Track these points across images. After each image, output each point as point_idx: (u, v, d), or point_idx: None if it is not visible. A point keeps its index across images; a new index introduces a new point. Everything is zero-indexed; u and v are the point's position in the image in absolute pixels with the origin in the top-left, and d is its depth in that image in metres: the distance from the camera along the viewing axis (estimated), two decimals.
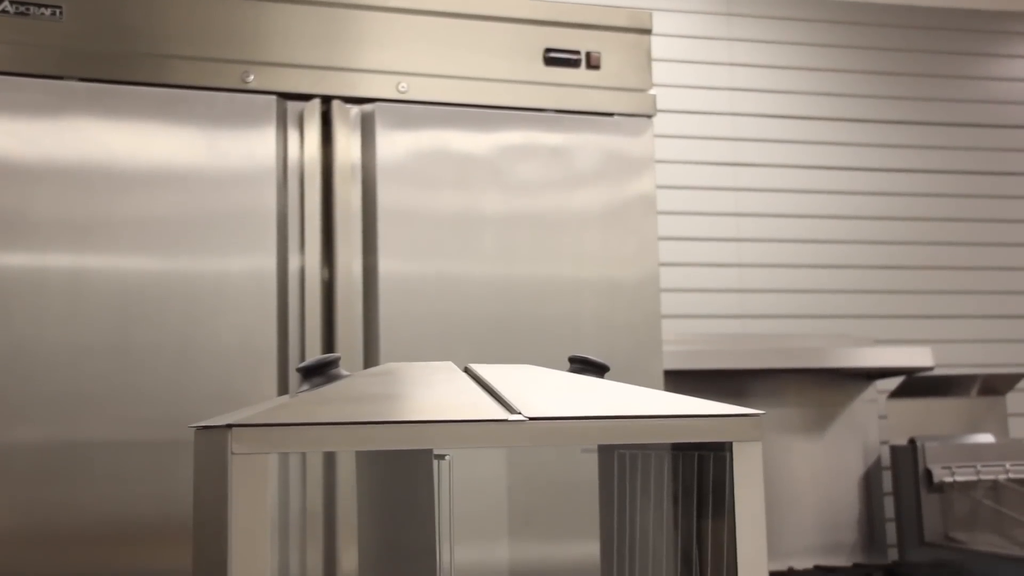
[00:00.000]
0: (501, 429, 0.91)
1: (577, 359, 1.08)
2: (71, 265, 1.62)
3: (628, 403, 0.98)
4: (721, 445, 1.01)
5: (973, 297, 3.19)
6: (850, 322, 3.08)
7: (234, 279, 1.68)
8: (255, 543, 0.84)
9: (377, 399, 0.92)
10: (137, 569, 1.58)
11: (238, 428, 0.84)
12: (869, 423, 2.98)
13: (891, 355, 2.78)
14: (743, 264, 3.03)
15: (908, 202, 3.18)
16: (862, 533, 2.92)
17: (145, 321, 1.64)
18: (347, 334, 1.72)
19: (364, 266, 1.77)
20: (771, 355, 2.71)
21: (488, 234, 1.82)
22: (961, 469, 2.81)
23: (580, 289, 1.85)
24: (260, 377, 1.67)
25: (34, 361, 1.59)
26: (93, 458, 1.59)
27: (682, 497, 1.09)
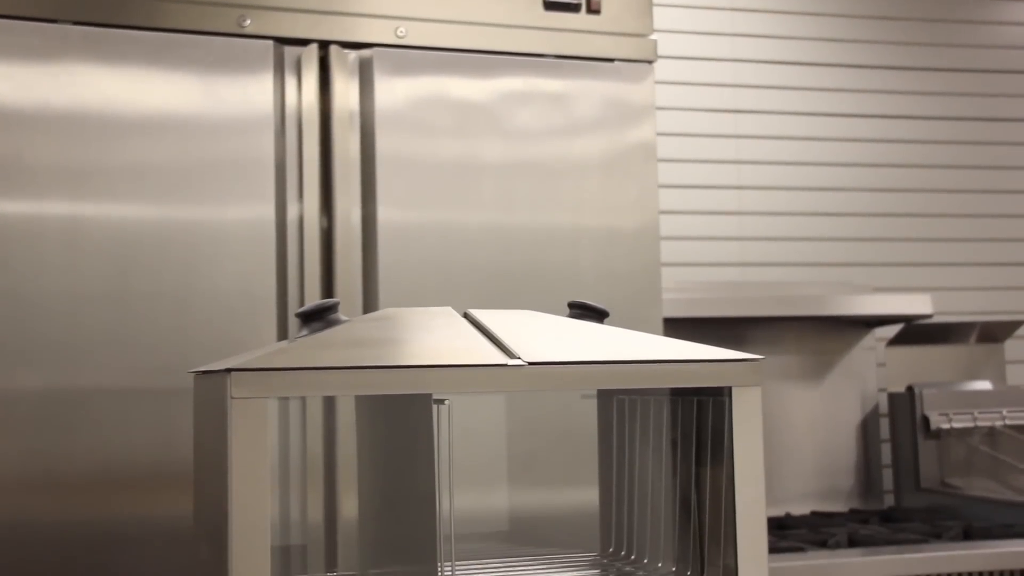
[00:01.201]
0: (500, 374, 0.91)
1: (576, 304, 1.08)
2: (68, 213, 1.61)
3: (627, 348, 0.98)
4: (720, 390, 1.01)
5: (972, 245, 3.19)
6: (849, 270, 3.08)
7: (232, 227, 1.68)
8: (255, 487, 0.84)
9: (376, 344, 0.92)
10: (138, 515, 1.60)
11: (237, 372, 0.84)
12: (867, 371, 2.99)
13: (890, 303, 2.78)
14: (743, 212, 3.02)
15: (908, 149, 3.17)
16: (859, 479, 2.95)
17: (143, 269, 1.63)
18: (346, 282, 1.72)
19: (363, 214, 1.76)
20: (770, 303, 2.71)
21: (487, 182, 1.81)
22: (958, 416, 2.82)
23: (579, 237, 1.85)
24: (259, 325, 1.67)
25: (32, 309, 1.58)
26: (93, 406, 1.59)
27: (681, 442, 1.09)
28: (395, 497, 1.03)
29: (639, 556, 1.16)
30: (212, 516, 0.93)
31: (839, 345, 2.96)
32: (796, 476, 2.88)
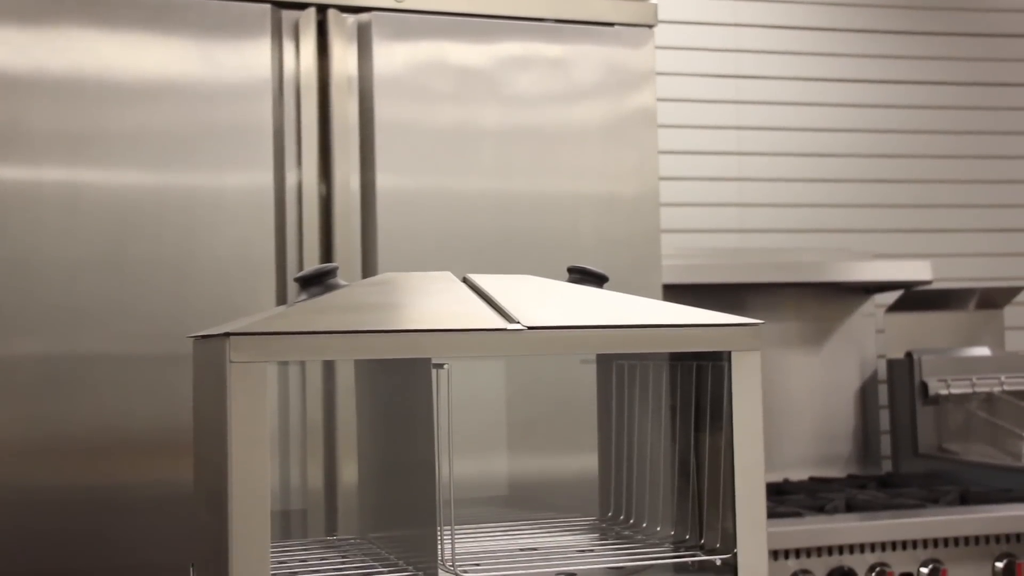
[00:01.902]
0: (499, 338, 0.91)
1: (576, 269, 1.08)
2: (66, 178, 1.61)
3: (627, 312, 0.98)
4: (719, 355, 1.01)
5: (972, 211, 3.18)
6: (849, 236, 3.08)
7: (231, 194, 1.67)
8: (255, 450, 0.84)
9: (375, 308, 0.92)
10: (139, 480, 1.60)
11: (236, 336, 0.84)
12: (866, 337, 2.99)
13: (889, 269, 2.78)
14: (743, 178, 3.01)
15: (908, 114, 3.15)
16: (857, 445, 2.96)
17: (141, 235, 1.63)
18: (345, 249, 1.72)
19: (362, 181, 1.75)
20: (770, 269, 2.71)
21: (486, 148, 1.80)
22: (957, 382, 2.83)
23: (579, 204, 1.84)
24: (258, 291, 1.67)
25: (31, 275, 1.58)
26: (93, 371, 1.60)
27: (680, 407, 1.09)
28: (395, 462, 1.03)
29: (638, 520, 1.17)
30: (212, 480, 0.93)
31: (838, 311, 2.96)
32: (794, 442, 2.90)
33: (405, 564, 0.99)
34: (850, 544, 2.15)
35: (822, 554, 2.14)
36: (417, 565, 0.96)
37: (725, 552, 0.99)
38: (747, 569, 0.98)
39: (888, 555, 2.17)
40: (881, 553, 2.17)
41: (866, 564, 2.15)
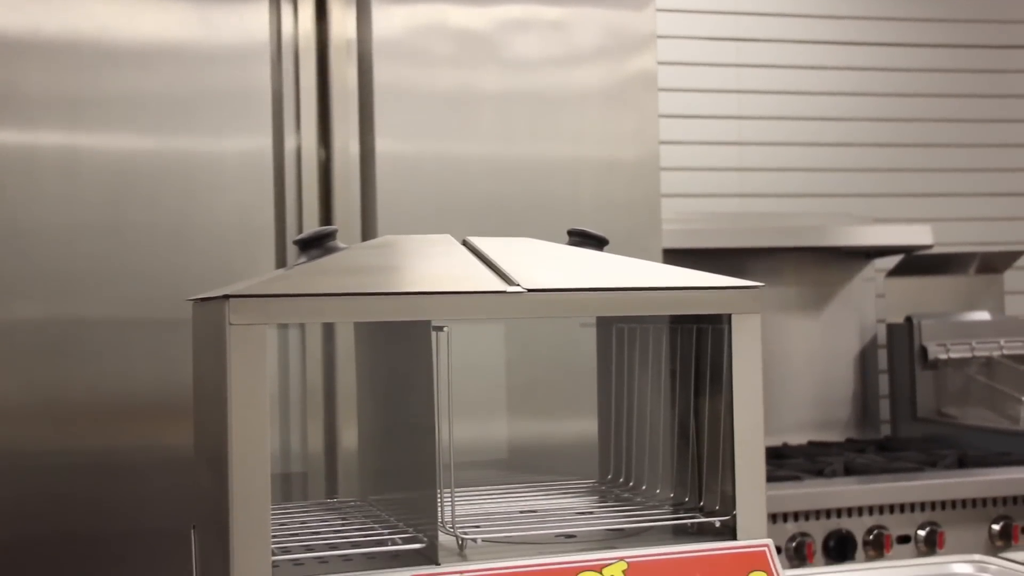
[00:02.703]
0: (499, 301, 0.91)
1: (576, 232, 1.08)
2: (63, 142, 1.60)
3: (627, 275, 0.98)
4: (719, 318, 1.01)
5: (973, 175, 3.17)
6: (850, 201, 3.07)
7: (229, 158, 1.66)
8: (255, 413, 0.85)
9: (375, 270, 0.92)
10: (139, 444, 1.61)
11: (235, 299, 0.84)
12: (866, 301, 2.99)
13: (890, 233, 2.77)
14: (744, 142, 3.00)
15: (909, 78, 3.14)
16: (856, 409, 2.97)
17: (140, 200, 1.62)
18: (344, 213, 1.71)
19: (361, 145, 1.75)
20: (770, 233, 2.70)
21: (486, 112, 1.79)
22: (956, 346, 2.83)
23: (579, 168, 1.84)
24: (257, 255, 1.67)
25: (29, 239, 1.58)
26: (92, 336, 1.60)
27: (680, 371, 1.09)
28: (395, 425, 1.04)
29: (638, 483, 1.17)
30: (212, 443, 0.94)
31: (838, 276, 2.96)
32: (794, 406, 2.90)
33: (405, 526, 1.00)
34: (848, 507, 2.16)
35: (820, 517, 2.15)
36: (417, 527, 0.97)
37: (724, 514, 1.00)
38: (746, 531, 0.98)
39: (886, 518, 2.18)
40: (879, 516, 2.18)
41: (864, 527, 2.16)
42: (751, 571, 0.96)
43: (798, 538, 2.12)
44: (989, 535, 2.24)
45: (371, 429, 1.13)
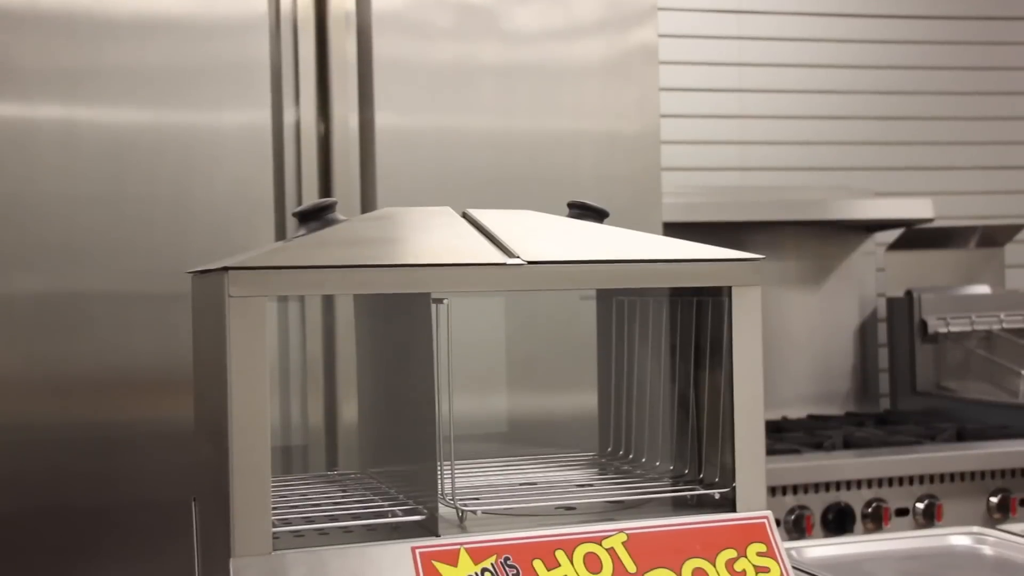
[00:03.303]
0: (499, 273, 0.91)
1: (576, 204, 1.07)
2: (61, 115, 1.59)
3: (628, 247, 0.98)
4: (720, 290, 1.01)
5: (974, 148, 3.16)
6: (850, 174, 3.06)
7: (228, 131, 1.66)
8: (254, 385, 0.85)
9: (374, 243, 0.92)
10: (140, 417, 1.61)
11: (234, 271, 0.83)
12: (866, 275, 2.99)
13: (891, 207, 2.77)
14: (745, 116, 2.99)
15: (910, 50, 3.12)
16: (855, 383, 2.97)
17: (139, 173, 1.62)
18: (344, 187, 1.71)
19: (360, 119, 1.74)
20: (771, 207, 2.70)
21: (486, 85, 1.78)
22: (956, 320, 2.83)
23: (579, 141, 1.83)
24: (257, 228, 1.67)
25: (28, 211, 1.57)
26: (92, 309, 1.60)
27: (680, 343, 1.09)
28: (395, 397, 1.04)
29: (637, 455, 1.18)
30: (213, 416, 0.94)
31: (839, 250, 2.96)
32: (793, 380, 2.91)
33: (405, 498, 1.00)
34: (847, 480, 2.17)
35: (819, 490, 2.16)
36: (417, 499, 0.97)
37: (724, 486, 1.00)
38: (745, 503, 0.98)
39: (885, 491, 2.19)
40: (878, 489, 2.19)
41: (863, 500, 2.17)
42: (750, 543, 0.97)
43: (797, 511, 2.13)
44: (987, 508, 2.24)
45: (371, 402, 1.13)
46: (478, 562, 0.89)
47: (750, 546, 0.96)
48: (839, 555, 1.37)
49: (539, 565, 0.90)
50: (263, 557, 0.85)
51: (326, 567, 0.86)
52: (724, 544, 0.96)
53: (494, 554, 0.90)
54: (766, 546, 0.97)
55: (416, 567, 0.88)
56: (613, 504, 1.04)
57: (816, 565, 1.31)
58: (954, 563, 1.33)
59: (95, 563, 1.58)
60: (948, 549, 1.40)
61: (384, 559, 0.87)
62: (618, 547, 0.93)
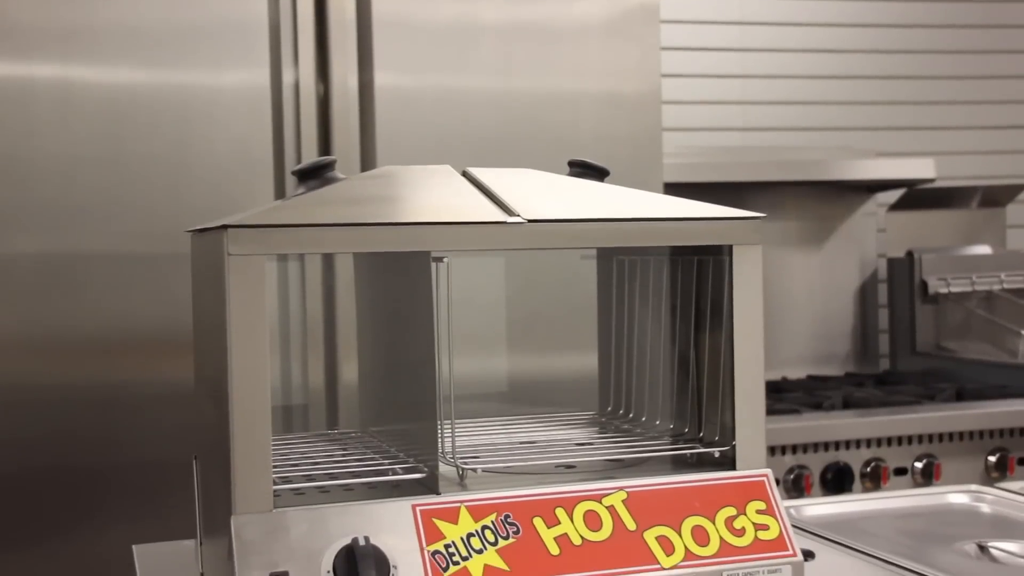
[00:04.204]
0: (499, 231, 0.90)
1: (577, 163, 1.07)
2: (58, 75, 1.58)
3: (628, 206, 0.97)
4: (720, 249, 1.00)
5: (976, 107, 3.14)
6: (852, 134, 3.05)
7: (227, 92, 1.65)
8: (254, 344, 0.84)
9: (374, 201, 0.91)
10: (141, 378, 1.61)
11: (234, 229, 0.83)
12: (867, 236, 2.98)
13: (892, 167, 2.76)
14: (746, 75, 2.97)
15: (912, 8, 3.09)
16: (855, 344, 2.97)
17: (137, 132, 1.61)
18: (344, 149, 1.70)
19: (360, 79, 1.73)
20: (772, 167, 2.69)
21: (486, 45, 1.77)
22: (956, 280, 2.83)
23: (580, 101, 1.82)
24: (257, 190, 1.66)
25: (26, 172, 1.57)
26: (91, 269, 1.59)
27: (680, 303, 1.09)
28: (395, 357, 1.04)
29: (637, 414, 1.18)
30: (213, 375, 0.94)
31: (840, 210, 2.95)
32: (793, 341, 2.91)
33: (406, 456, 1.00)
34: (846, 440, 2.18)
35: (818, 450, 2.17)
36: (418, 457, 0.97)
37: (723, 445, 1.00)
38: (745, 461, 0.99)
39: (883, 450, 2.20)
40: (876, 449, 2.20)
41: (862, 459, 2.18)
42: (750, 501, 0.97)
43: (796, 470, 2.14)
44: (985, 467, 2.26)
45: (371, 361, 1.14)
46: (478, 520, 0.90)
47: (749, 504, 0.97)
48: (838, 513, 1.38)
49: (539, 523, 0.91)
50: (264, 514, 0.85)
51: (327, 524, 0.86)
52: (724, 502, 0.96)
53: (494, 512, 0.90)
54: (766, 504, 0.97)
55: (416, 524, 0.88)
56: (613, 462, 1.05)
57: (815, 523, 1.32)
58: (952, 520, 1.34)
59: (97, 522, 1.59)
60: (946, 507, 1.41)
61: (385, 516, 0.88)
62: (618, 505, 0.94)
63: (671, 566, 0.92)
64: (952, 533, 1.27)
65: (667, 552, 0.92)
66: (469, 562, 0.88)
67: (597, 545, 0.91)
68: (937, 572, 1.09)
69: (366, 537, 0.86)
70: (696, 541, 0.93)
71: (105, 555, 1.59)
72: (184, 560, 1.17)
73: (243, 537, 0.84)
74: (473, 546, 0.88)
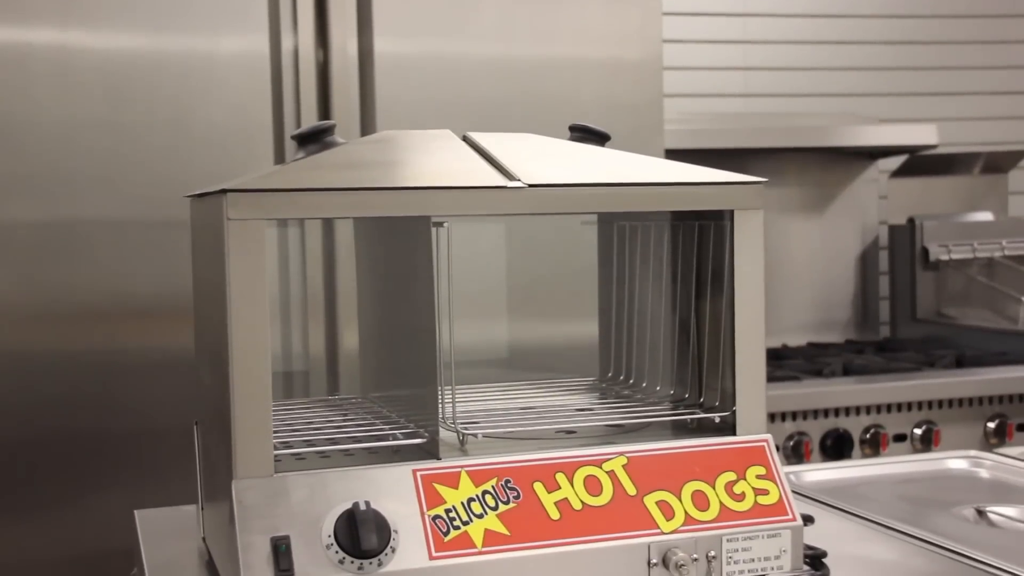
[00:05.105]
0: (500, 196, 0.90)
1: (577, 127, 1.06)
2: (56, 40, 1.57)
3: (629, 171, 0.97)
4: (722, 214, 1.00)
5: (979, 73, 3.12)
6: (854, 100, 3.03)
7: (226, 58, 1.64)
8: (254, 309, 0.84)
9: (374, 165, 0.91)
10: (141, 344, 1.61)
11: (233, 193, 0.83)
12: (869, 203, 2.98)
13: (894, 133, 2.75)
14: (748, 41, 2.95)
15: None
16: (856, 311, 2.97)
17: (136, 98, 1.60)
18: (344, 115, 1.69)
19: (359, 46, 1.72)
20: (774, 134, 2.67)
21: (487, 10, 1.76)
22: (958, 247, 2.83)
23: (581, 67, 1.81)
24: (256, 156, 1.65)
25: (24, 138, 1.56)
26: (91, 236, 1.59)
27: (681, 268, 1.09)
28: (396, 322, 1.04)
29: (638, 380, 1.18)
30: (213, 340, 0.94)
31: (842, 177, 2.94)
32: (794, 308, 2.91)
33: (406, 422, 1.00)
34: (846, 407, 2.18)
35: (818, 416, 2.17)
36: (418, 422, 0.97)
37: (724, 411, 1.00)
38: (745, 426, 0.99)
39: (883, 417, 2.20)
40: (876, 415, 2.20)
41: (861, 426, 2.19)
42: (750, 466, 0.97)
43: (796, 437, 2.15)
44: (984, 433, 2.26)
45: (372, 327, 1.13)
46: (479, 484, 0.90)
47: (749, 469, 0.97)
48: (837, 479, 1.38)
49: (540, 487, 0.91)
50: (265, 479, 0.86)
51: (327, 489, 0.86)
52: (724, 467, 0.96)
53: (495, 476, 0.91)
54: (765, 469, 0.97)
55: (417, 489, 0.88)
56: (613, 428, 1.05)
57: (814, 489, 1.33)
58: (950, 486, 1.34)
59: (99, 487, 1.60)
60: (945, 472, 1.41)
61: (385, 481, 0.88)
62: (618, 470, 0.94)
63: (671, 530, 0.92)
64: (950, 498, 1.27)
65: (667, 517, 0.93)
66: (470, 526, 0.88)
67: (597, 510, 0.91)
68: (935, 536, 1.10)
69: (367, 502, 0.86)
70: (696, 506, 0.94)
71: (107, 520, 1.60)
72: (186, 525, 1.18)
73: (244, 502, 0.84)
74: (474, 511, 0.89)
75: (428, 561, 0.86)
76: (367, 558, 0.84)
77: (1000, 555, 1.03)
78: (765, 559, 0.94)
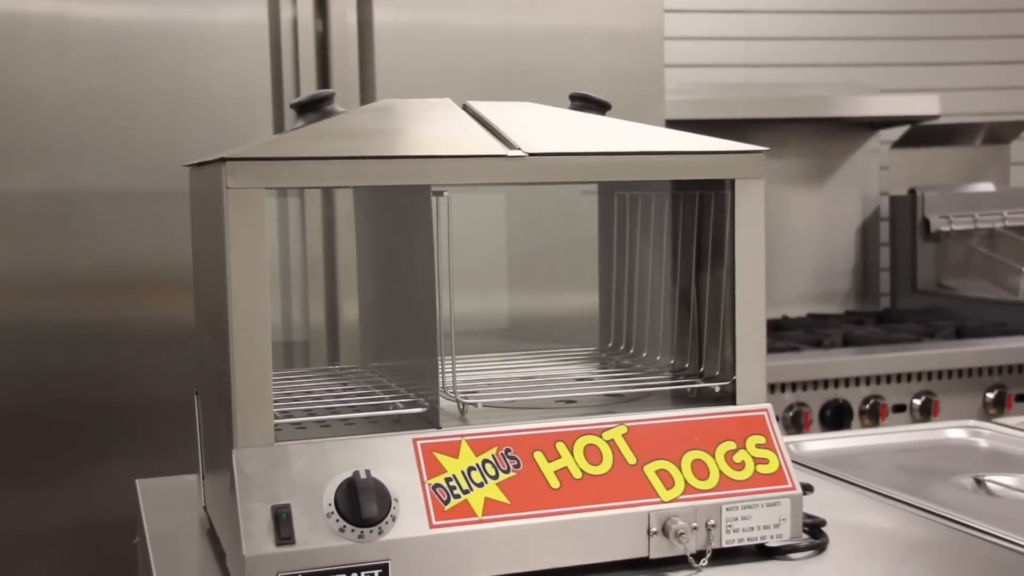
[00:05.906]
0: (500, 165, 0.90)
1: (578, 96, 1.06)
2: (53, 9, 1.56)
3: (630, 139, 0.96)
4: (722, 184, 1.00)
5: (981, 42, 3.11)
6: (856, 70, 3.02)
7: (224, 28, 1.63)
8: (254, 278, 0.84)
9: (374, 134, 0.90)
10: (142, 315, 1.61)
11: (232, 162, 0.82)
12: (870, 174, 2.97)
13: (896, 103, 2.73)
14: (749, 10, 2.93)
15: None
16: (856, 282, 2.97)
17: (134, 68, 1.59)
18: (343, 86, 1.68)
19: (359, 16, 1.70)
20: (774, 104, 2.66)
21: None
22: (959, 218, 2.82)
23: (581, 38, 1.80)
24: (255, 127, 1.65)
25: (22, 108, 1.55)
26: (90, 206, 1.59)
27: (682, 238, 1.09)
28: (396, 292, 1.04)
29: (638, 350, 1.18)
30: (213, 309, 0.94)
31: (843, 147, 2.93)
32: (794, 279, 2.91)
33: (407, 391, 1.01)
34: (845, 378, 2.19)
35: (818, 387, 2.18)
36: (419, 392, 0.97)
37: (724, 380, 1.00)
38: (745, 396, 0.99)
39: (882, 387, 2.21)
40: (876, 386, 2.21)
41: (861, 397, 2.19)
42: (749, 435, 0.97)
43: (795, 408, 2.15)
44: (983, 403, 2.27)
45: (372, 296, 1.13)
46: (479, 453, 0.90)
47: (749, 438, 0.97)
48: (837, 448, 1.39)
49: (540, 457, 0.91)
50: (265, 448, 0.86)
51: (327, 458, 0.87)
52: (724, 436, 0.96)
53: (495, 446, 0.91)
54: (765, 438, 0.97)
55: (418, 458, 0.88)
56: (613, 397, 1.05)
57: (814, 458, 1.33)
58: (949, 455, 1.35)
59: (100, 457, 1.60)
60: (944, 442, 1.41)
61: (386, 450, 0.88)
62: (618, 439, 0.94)
63: (671, 499, 0.92)
64: (949, 467, 1.28)
65: (667, 485, 0.93)
66: (470, 495, 0.88)
67: (597, 479, 0.92)
68: (934, 505, 1.10)
69: (367, 470, 0.86)
70: (696, 475, 0.94)
71: (109, 490, 1.61)
72: (187, 494, 1.18)
73: (245, 471, 0.84)
74: (474, 479, 0.89)
75: (428, 529, 0.86)
76: (368, 526, 0.84)
77: (998, 523, 1.04)
78: (764, 528, 0.95)
